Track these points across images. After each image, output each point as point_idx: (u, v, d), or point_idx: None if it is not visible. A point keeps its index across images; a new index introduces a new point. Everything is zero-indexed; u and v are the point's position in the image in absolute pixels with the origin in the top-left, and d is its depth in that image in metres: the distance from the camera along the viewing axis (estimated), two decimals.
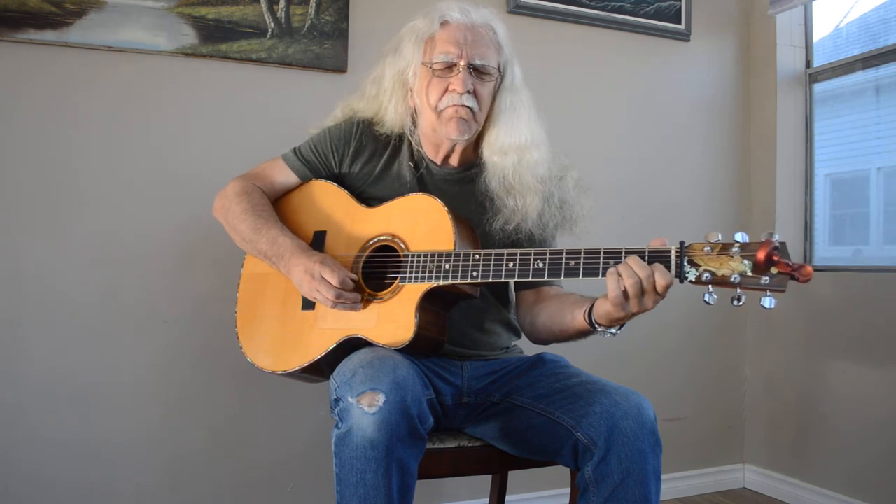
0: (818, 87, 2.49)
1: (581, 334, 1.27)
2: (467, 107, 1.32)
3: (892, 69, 2.27)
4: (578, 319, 1.23)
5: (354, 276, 1.30)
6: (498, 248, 1.25)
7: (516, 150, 1.36)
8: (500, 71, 1.37)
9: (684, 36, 2.46)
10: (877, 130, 2.39)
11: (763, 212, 2.53)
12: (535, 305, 1.38)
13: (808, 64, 2.51)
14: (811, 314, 2.31)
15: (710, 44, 2.53)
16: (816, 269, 2.42)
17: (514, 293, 1.49)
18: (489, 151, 1.38)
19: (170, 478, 1.85)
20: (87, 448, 1.77)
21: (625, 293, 1.07)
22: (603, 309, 1.14)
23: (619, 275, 1.07)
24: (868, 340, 2.16)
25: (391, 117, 1.41)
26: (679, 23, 2.44)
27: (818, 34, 2.53)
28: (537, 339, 1.42)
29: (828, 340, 2.28)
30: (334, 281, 1.25)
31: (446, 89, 1.33)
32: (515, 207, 1.36)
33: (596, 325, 1.19)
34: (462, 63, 1.32)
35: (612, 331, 1.18)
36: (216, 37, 1.87)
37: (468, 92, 1.32)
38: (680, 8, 2.43)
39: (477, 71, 1.33)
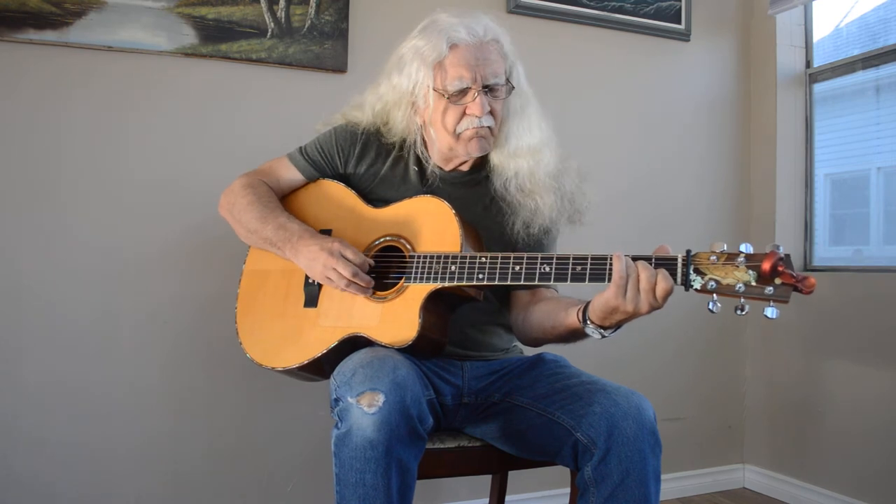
0: (818, 87, 2.49)
1: (571, 333, 1.26)
2: (486, 126, 1.34)
3: (892, 69, 2.27)
4: (572, 316, 1.22)
5: (371, 262, 1.31)
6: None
7: (529, 153, 1.37)
8: (507, 80, 1.37)
9: (684, 36, 2.46)
10: (877, 130, 2.39)
11: (763, 212, 2.53)
12: (531, 304, 1.38)
13: (808, 64, 2.51)
14: (811, 314, 2.31)
15: (710, 44, 2.53)
16: (816, 270, 2.43)
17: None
18: (500, 156, 1.39)
19: (170, 480, 1.85)
20: (87, 453, 1.77)
21: (627, 280, 1.08)
22: (600, 300, 1.13)
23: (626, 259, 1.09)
24: (868, 340, 2.16)
25: (398, 131, 1.41)
26: (679, 23, 2.44)
27: (818, 34, 2.53)
28: (526, 337, 1.41)
29: (828, 340, 2.28)
30: (357, 260, 1.27)
31: (463, 113, 1.33)
32: (535, 208, 1.37)
33: (588, 321, 1.18)
34: (477, 87, 1.31)
35: (602, 332, 1.18)
36: (216, 37, 1.87)
37: (487, 113, 1.33)
38: (680, 8, 2.43)
39: (491, 89, 1.33)
